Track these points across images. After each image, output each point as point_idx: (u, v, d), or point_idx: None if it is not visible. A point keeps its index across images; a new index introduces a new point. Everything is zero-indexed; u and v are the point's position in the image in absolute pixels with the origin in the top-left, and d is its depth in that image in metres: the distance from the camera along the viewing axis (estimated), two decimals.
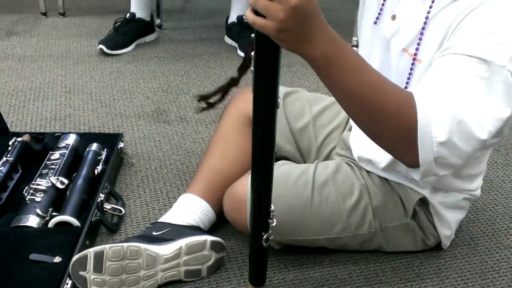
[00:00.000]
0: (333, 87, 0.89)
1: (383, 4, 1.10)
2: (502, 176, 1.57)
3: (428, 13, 1.00)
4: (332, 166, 1.22)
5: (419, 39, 1.02)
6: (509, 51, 0.89)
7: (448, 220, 1.21)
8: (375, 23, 1.12)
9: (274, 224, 1.04)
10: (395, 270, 1.22)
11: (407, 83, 1.05)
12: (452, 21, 0.95)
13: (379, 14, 1.11)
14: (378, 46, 1.11)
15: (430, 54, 0.98)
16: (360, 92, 0.87)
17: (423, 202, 1.18)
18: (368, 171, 1.21)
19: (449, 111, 0.86)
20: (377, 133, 0.94)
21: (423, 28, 1.01)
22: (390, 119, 0.89)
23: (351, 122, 1.28)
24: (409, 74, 1.04)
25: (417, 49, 1.02)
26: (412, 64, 1.03)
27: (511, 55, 0.89)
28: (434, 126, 0.85)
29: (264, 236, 1.03)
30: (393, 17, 1.07)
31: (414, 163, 0.90)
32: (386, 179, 1.19)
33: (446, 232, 1.22)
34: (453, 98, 0.87)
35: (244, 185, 1.18)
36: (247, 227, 1.15)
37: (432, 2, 1.00)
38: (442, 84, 0.89)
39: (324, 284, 1.18)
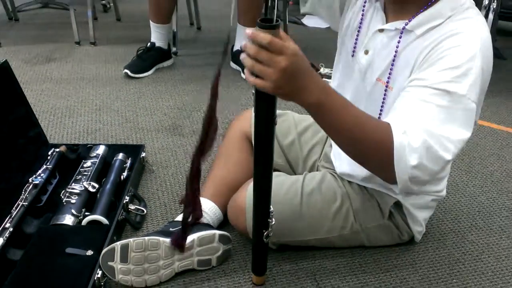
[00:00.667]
0: (325, 126, 0.93)
1: (356, 40, 1.11)
2: (466, 181, 1.58)
3: (397, 47, 1.01)
4: (318, 177, 1.23)
5: (391, 69, 1.03)
6: (468, 82, 0.90)
7: (419, 219, 1.21)
8: (352, 55, 1.13)
9: (273, 223, 1.05)
10: (376, 262, 1.23)
11: (381, 107, 1.06)
12: (419, 53, 0.96)
13: (354, 48, 1.12)
14: (355, 75, 1.12)
15: (400, 82, 1.00)
16: (347, 128, 0.90)
17: (397, 204, 1.18)
18: (349, 181, 1.21)
19: (419, 139, 0.87)
20: (361, 159, 0.96)
21: (393, 60, 1.02)
22: (371, 149, 0.91)
23: (330, 140, 1.30)
24: (383, 100, 1.06)
25: (389, 77, 1.03)
26: (385, 91, 1.05)
27: (469, 84, 0.90)
28: (407, 153, 0.87)
29: (265, 233, 1.05)
30: (366, 52, 1.08)
31: (392, 181, 0.91)
32: (364, 186, 1.20)
33: (418, 228, 1.23)
34: (421, 127, 0.88)
35: (243, 197, 1.20)
36: (246, 231, 1.19)
37: (400, 38, 1.01)
38: (412, 115, 0.90)
39: (315, 274, 1.19)
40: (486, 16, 2.20)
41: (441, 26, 0.96)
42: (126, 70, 2.29)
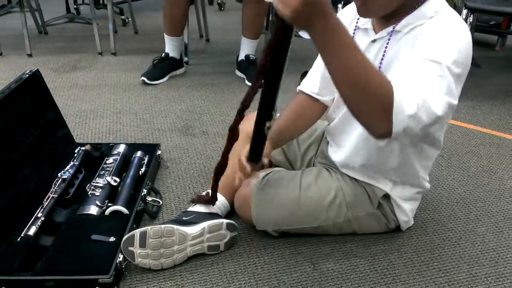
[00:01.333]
0: (331, 63, 0.84)
1: None
2: (445, 176, 1.58)
3: (387, 44, 1.04)
4: (314, 172, 1.24)
5: (380, 65, 1.05)
6: (453, 57, 0.91)
7: (405, 209, 1.22)
8: None
9: (277, 116, 1.01)
10: (366, 247, 1.23)
11: None
12: (406, 44, 0.99)
13: None
14: None
15: (390, 73, 0.99)
16: (352, 68, 0.83)
17: (386, 196, 1.19)
18: (342, 174, 1.22)
19: (417, 93, 0.87)
20: (360, 106, 0.88)
21: (382, 56, 1.05)
22: (372, 93, 0.85)
23: (328, 138, 1.30)
24: None
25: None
26: None
27: (453, 60, 0.91)
28: (405, 102, 0.85)
29: (267, 125, 0.95)
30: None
31: (386, 133, 0.87)
32: (356, 179, 1.20)
33: (404, 218, 1.23)
34: (419, 86, 0.88)
35: (248, 189, 1.20)
36: (251, 220, 1.19)
37: (389, 39, 1.04)
38: (411, 78, 0.89)
39: (312, 257, 1.19)
40: None
41: (425, 24, 0.98)
42: (143, 78, 2.29)
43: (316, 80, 1.25)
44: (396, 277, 1.13)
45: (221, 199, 1.28)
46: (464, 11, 2.17)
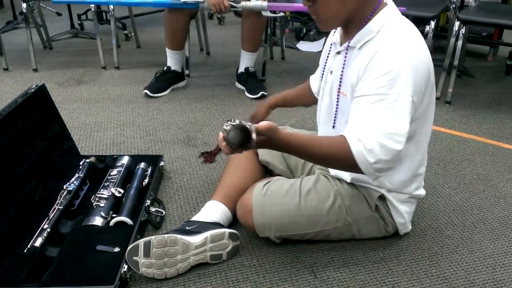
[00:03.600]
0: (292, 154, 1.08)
1: (325, 64, 1.21)
2: (442, 183, 1.58)
3: (344, 59, 1.11)
4: (313, 179, 1.24)
5: (341, 78, 1.13)
6: (401, 81, 0.97)
7: (401, 211, 1.21)
8: (321, 79, 1.24)
9: None
10: (365, 255, 1.23)
11: (335, 111, 1.16)
12: (360, 65, 1.04)
13: (322, 73, 1.22)
14: (327, 91, 1.20)
15: (350, 89, 1.08)
16: (308, 157, 1.08)
17: (382, 198, 1.19)
18: (339, 179, 1.22)
19: (373, 141, 0.98)
20: (333, 168, 1.18)
21: (342, 70, 1.12)
22: (334, 162, 1.06)
23: None
24: (337, 104, 1.15)
25: (340, 85, 1.13)
26: (338, 97, 1.14)
27: (403, 84, 0.97)
28: (366, 154, 0.98)
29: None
30: (331, 72, 1.17)
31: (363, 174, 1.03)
32: (353, 184, 1.20)
33: (401, 220, 1.22)
34: (373, 130, 0.98)
35: (250, 198, 1.21)
36: (253, 228, 1.20)
37: (346, 54, 1.10)
38: (363, 122, 1.00)
39: (312, 265, 1.19)
40: (457, 40, 2.21)
41: (373, 40, 1.03)
42: (146, 91, 2.30)
43: (316, 78, 1.38)
44: (396, 285, 1.13)
45: (223, 209, 1.28)
46: (457, 23, 2.19)
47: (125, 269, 1.08)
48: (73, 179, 1.40)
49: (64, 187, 1.36)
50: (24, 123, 1.34)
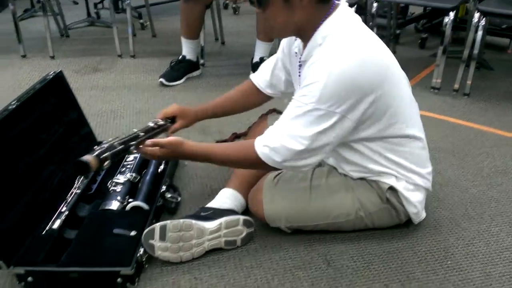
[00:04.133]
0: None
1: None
2: (458, 175, 1.56)
3: (299, 73, 1.15)
4: (325, 171, 1.24)
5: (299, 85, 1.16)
6: (315, 95, 1.00)
7: (412, 201, 1.19)
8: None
9: None
10: (379, 245, 1.22)
11: None
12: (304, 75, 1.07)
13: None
14: None
15: None
16: (217, 162, 1.19)
17: (392, 189, 1.17)
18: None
19: (277, 141, 1.05)
20: (246, 168, 1.27)
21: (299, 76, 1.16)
22: (243, 164, 1.17)
23: None
24: None
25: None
26: None
27: (317, 97, 1.00)
28: (272, 156, 1.06)
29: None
30: (299, 84, 1.16)
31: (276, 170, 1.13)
32: (362, 178, 1.20)
33: (413, 210, 1.21)
34: (279, 131, 1.05)
35: (260, 189, 1.22)
36: (264, 218, 1.21)
37: (300, 67, 1.14)
38: (276, 124, 1.07)
39: (326, 254, 1.19)
40: (476, 32, 2.17)
41: (316, 52, 1.04)
42: (161, 79, 2.31)
43: (266, 75, 1.37)
44: (410, 275, 1.13)
45: (238, 197, 1.28)
46: (477, 15, 2.15)
47: (141, 253, 1.09)
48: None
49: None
50: (42, 109, 1.35)
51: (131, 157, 1.46)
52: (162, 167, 1.46)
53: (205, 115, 1.41)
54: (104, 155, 0.99)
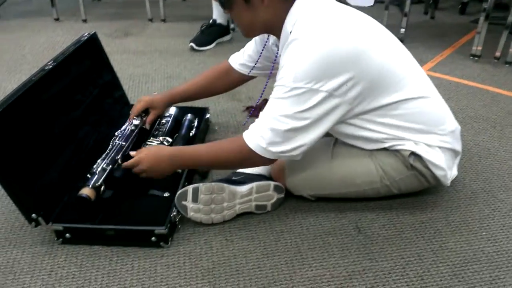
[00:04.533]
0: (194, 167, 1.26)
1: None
2: (498, 147, 1.50)
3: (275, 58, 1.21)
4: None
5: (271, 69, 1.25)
6: (291, 74, 0.99)
7: (437, 163, 1.14)
8: None
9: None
10: (412, 214, 1.21)
11: None
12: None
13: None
14: None
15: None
16: (208, 165, 1.22)
17: (415, 155, 1.13)
18: None
19: (263, 127, 1.04)
20: (242, 167, 1.23)
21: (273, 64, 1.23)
22: (235, 163, 1.15)
23: None
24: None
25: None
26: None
27: (293, 75, 0.99)
28: (260, 142, 1.04)
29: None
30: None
31: (268, 162, 1.10)
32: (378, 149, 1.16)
33: (440, 172, 1.15)
34: (263, 119, 1.05)
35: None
36: (285, 186, 1.21)
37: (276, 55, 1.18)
38: (264, 112, 1.05)
39: (357, 221, 1.19)
40: None
41: (289, 40, 1.02)
42: (191, 44, 2.30)
43: (242, 56, 1.39)
44: (443, 245, 1.11)
45: None
46: None
47: (174, 213, 1.12)
48: (124, 126, 1.44)
49: (116, 133, 1.40)
50: (78, 70, 1.37)
51: (164, 120, 1.47)
52: (193, 131, 1.47)
53: (173, 100, 1.47)
54: (98, 183, 1.14)
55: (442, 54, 2.23)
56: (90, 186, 1.12)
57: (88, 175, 1.17)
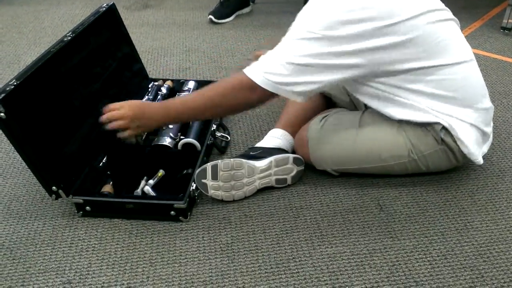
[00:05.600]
0: (188, 120, 1.26)
1: None
2: None
3: None
4: (375, 112, 1.15)
5: None
6: (298, 22, 1.02)
7: (468, 140, 1.09)
8: None
9: None
10: (437, 192, 1.17)
11: None
12: None
13: None
14: None
15: None
16: (201, 107, 1.11)
17: (446, 130, 1.08)
18: None
19: (272, 61, 1.03)
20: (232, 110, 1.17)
21: None
22: (231, 101, 1.09)
23: None
24: None
25: None
26: None
27: (310, 22, 0.99)
28: (266, 75, 1.02)
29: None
30: None
31: (262, 97, 1.06)
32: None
33: (470, 150, 1.10)
34: (275, 53, 1.03)
35: (305, 131, 1.18)
36: (310, 160, 1.18)
37: None
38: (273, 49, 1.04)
39: (379, 199, 1.16)
40: None
41: None
42: (210, 16, 2.25)
43: None
44: (468, 224, 1.08)
45: (287, 136, 1.26)
46: None
47: (193, 188, 1.11)
48: (143, 100, 1.43)
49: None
50: (97, 42, 1.35)
51: (182, 94, 1.45)
52: None
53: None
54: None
55: (471, 27, 2.13)
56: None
57: None
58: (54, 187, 1.06)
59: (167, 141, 1.26)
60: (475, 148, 1.11)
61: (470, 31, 2.10)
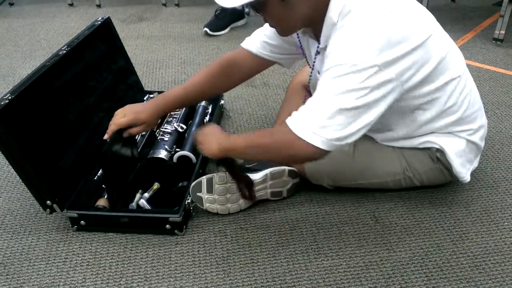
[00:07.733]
0: (252, 158, 1.13)
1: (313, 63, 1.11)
2: None
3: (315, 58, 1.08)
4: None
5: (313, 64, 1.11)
6: (348, 54, 0.89)
7: (459, 161, 1.11)
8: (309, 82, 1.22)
9: None
10: (432, 204, 1.18)
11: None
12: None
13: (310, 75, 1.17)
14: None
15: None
16: (259, 153, 1.02)
17: (441, 150, 1.09)
18: None
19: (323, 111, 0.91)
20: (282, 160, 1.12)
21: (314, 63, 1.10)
22: (282, 156, 1.01)
23: None
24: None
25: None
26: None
27: (351, 55, 0.89)
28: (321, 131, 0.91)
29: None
30: (318, 72, 1.08)
31: (315, 156, 0.96)
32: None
33: (462, 169, 1.12)
34: (322, 99, 0.92)
35: None
36: (305, 174, 1.18)
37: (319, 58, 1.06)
38: (310, 107, 0.93)
39: (374, 211, 1.16)
40: None
41: (335, 32, 0.93)
42: (205, 29, 2.26)
43: (259, 40, 1.22)
44: (464, 235, 1.08)
45: None
46: None
47: (189, 201, 1.11)
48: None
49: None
50: (92, 56, 1.35)
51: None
52: (207, 118, 1.45)
53: (166, 109, 1.22)
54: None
55: (463, 38, 2.16)
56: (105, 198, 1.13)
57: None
58: (48, 201, 1.06)
59: (162, 153, 1.26)
60: (467, 169, 1.13)
61: (462, 42, 2.12)
